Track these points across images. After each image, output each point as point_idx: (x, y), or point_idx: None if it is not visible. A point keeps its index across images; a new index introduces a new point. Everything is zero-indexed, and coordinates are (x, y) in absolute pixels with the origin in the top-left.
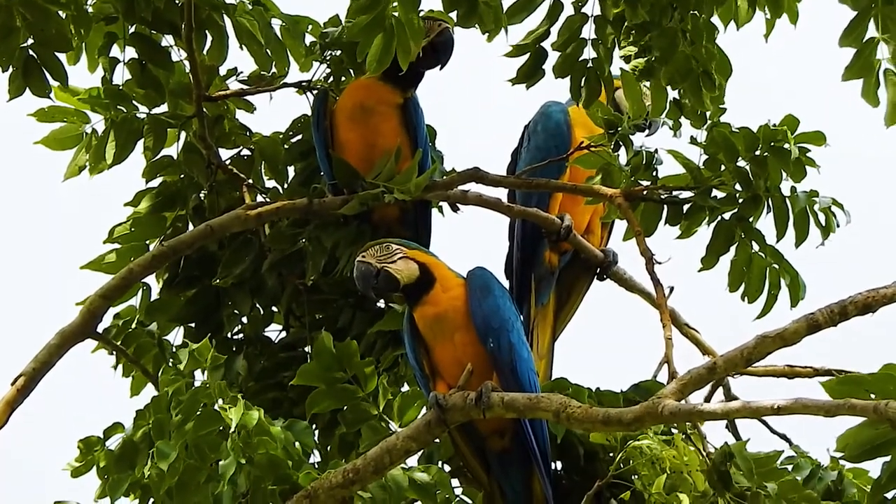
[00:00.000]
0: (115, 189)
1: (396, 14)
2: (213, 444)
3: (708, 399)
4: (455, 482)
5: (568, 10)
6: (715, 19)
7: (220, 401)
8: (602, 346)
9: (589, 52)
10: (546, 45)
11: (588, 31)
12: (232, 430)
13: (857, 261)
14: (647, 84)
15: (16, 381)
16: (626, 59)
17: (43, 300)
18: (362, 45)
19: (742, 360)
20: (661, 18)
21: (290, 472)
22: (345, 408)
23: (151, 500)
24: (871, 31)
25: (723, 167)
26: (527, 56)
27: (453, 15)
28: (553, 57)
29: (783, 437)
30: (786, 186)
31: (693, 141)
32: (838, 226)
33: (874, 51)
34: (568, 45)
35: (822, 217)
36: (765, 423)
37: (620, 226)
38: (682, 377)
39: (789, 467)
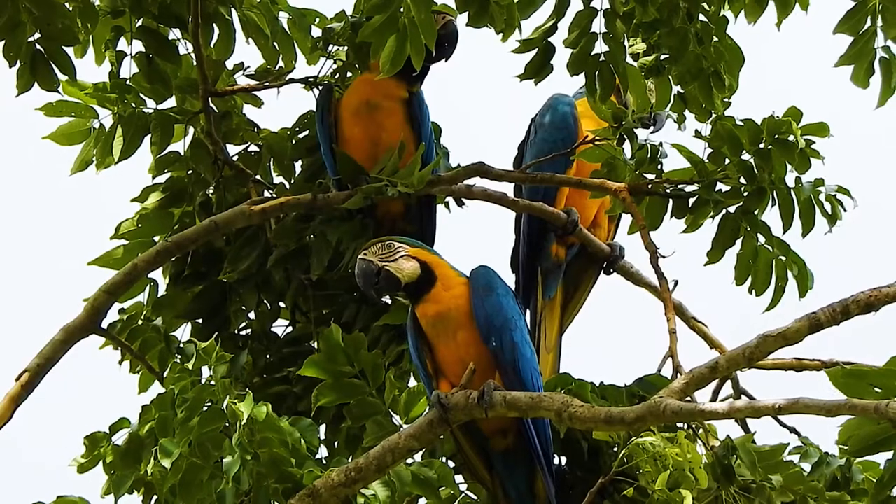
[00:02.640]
0: (122, 185)
1: (406, 12)
2: (217, 441)
3: (716, 392)
4: (459, 478)
5: (575, 5)
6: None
7: (227, 398)
8: (609, 339)
9: (601, 47)
10: (553, 39)
11: (598, 26)
12: (243, 422)
13: (864, 249)
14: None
15: (20, 377)
16: (634, 56)
17: (49, 296)
18: (375, 45)
19: (744, 359)
20: (671, 17)
21: (293, 470)
22: (350, 402)
23: (155, 497)
24: (870, 20)
25: (727, 160)
26: (535, 51)
27: (464, 15)
28: (560, 51)
29: (792, 429)
30: (791, 178)
31: (697, 134)
32: (845, 211)
33: (872, 39)
34: (579, 41)
35: (827, 206)
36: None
37: (628, 219)
38: (685, 376)
39: (796, 458)
